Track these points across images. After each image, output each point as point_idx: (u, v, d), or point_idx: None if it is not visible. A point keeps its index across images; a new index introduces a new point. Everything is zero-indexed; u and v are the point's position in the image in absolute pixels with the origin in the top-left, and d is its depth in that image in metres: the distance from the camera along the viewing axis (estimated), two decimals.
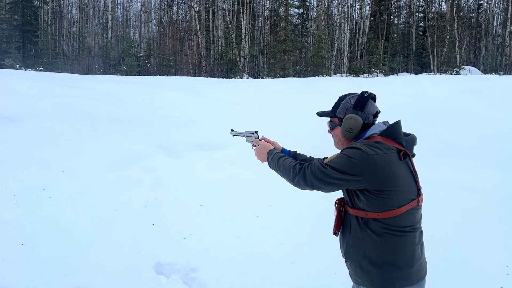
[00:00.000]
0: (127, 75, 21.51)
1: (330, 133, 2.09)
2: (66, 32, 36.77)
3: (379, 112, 1.99)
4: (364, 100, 1.95)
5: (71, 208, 4.81)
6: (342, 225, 1.98)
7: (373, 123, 1.97)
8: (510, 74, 20.80)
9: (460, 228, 4.66)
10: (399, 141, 1.87)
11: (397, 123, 1.91)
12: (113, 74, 23.27)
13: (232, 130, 2.62)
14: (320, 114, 2.11)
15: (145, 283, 3.40)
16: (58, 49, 31.29)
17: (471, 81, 11.29)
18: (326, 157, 1.97)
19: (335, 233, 2.00)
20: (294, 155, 2.31)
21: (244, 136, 2.49)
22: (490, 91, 9.81)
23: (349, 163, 1.79)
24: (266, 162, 2.24)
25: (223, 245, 4.21)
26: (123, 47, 27.43)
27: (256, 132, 2.42)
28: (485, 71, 23.81)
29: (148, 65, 28.84)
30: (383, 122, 1.95)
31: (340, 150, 1.98)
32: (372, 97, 1.98)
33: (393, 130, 1.89)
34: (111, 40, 34.71)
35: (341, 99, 2.02)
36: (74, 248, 3.80)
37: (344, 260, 2.01)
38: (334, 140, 2.09)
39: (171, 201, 5.38)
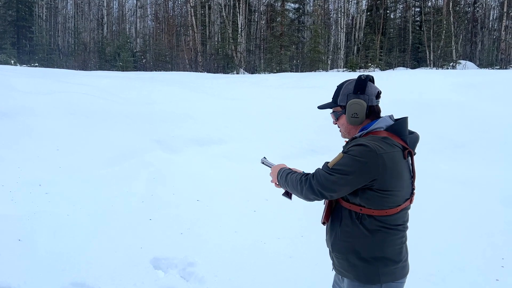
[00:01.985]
0: (123, 71, 21.43)
1: (336, 124, 2.01)
2: (61, 28, 36.52)
3: (381, 92, 1.93)
4: (363, 83, 1.88)
5: (67, 203, 4.80)
6: (331, 215, 1.92)
7: (377, 104, 1.91)
8: (506, 68, 20.86)
9: (456, 222, 4.69)
10: (404, 139, 1.83)
11: (405, 120, 1.86)
12: (109, 70, 23.17)
13: (264, 158, 2.37)
14: (322, 107, 2.04)
15: (143, 278, 3.40)
16: (53, 45, 31.08)
17: (467, 75, 11.32)
18: (327, 162, 1.85)
19: (323, 223, 1.96)
20: None
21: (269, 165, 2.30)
22: (486, 86, 9.83)
23: (357, 163, 1.72)
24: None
25: (221, 239, 4.22)
26: (119, 43, 27.25)
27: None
28: (481, 65, 23.87)
29: (144, 61, 28.72)
30: (389, 116, 1.89)
31: (346, 140, 1.95)
32: (370, 79, 1.92)
33: (400, 127, 1.84)
34: (106, 35, 34.52)
35: (340, 87, 1.95)
36: (71, 243, 3.79)
37: (329, 250, 1.99)
38: (340, 130, 2.00)
39: (168, 196, 5.38)
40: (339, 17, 31.28)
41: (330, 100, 2.01)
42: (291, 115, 8.77)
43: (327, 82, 11.20)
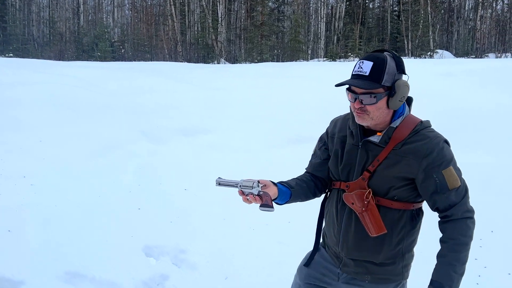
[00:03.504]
0: (101, 61, 21.08)
1: (361, 107, 1.60)
2: (36, 17, 35.57)
3: None
4: (402, 60, 1.65)
5: (54, 195, 4.78)
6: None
7: None
8: (481, 57, 21.39)
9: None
10: None
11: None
12: (87, 60, 22.76)
13: (219, 178, 1.88)
14: (361, 85, 1.56)
15: (135, 265, 3.45)
16: (27, 35, 30.30)
17: (444, 64, 11.60)
18: (451, 187, 1.62)
19: (377, 235, 1.66)
20: (291, 185, 1.86)
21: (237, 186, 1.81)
22: (462, 74, 10.11)
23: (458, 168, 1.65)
24: None
25: (210, 227, 4.29)
26: (96, 32, 26.80)
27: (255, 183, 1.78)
28: (457, 54, 24.41)
29: (122, 51, 28.30)
30: None
31: (379, 131, 1.66)
32: None
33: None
34: (83, 25, 33.79)
35: (380, 64, 1.57)
36: (62, 233, 3.81)
37: (348, 260, 1.76)
38: (370, 116, 1.61)
39: (155, 186, 5.41)
40: (319, 7, 31.38)
41: (368, 75, 1.57)
42: (274, 104, 8.85)
43: (309, 72, 11.34)
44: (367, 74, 1.56)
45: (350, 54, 23.23)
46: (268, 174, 4.83)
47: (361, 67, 1.58)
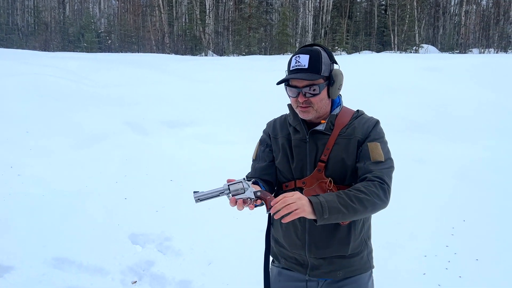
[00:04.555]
0: (87, 52, 20.91)
1: (305, 100, 1.61)
2: (20, 6, 34.90)
3: None
4: (331, 51, 1.71)
5: (41, 185, 4.85)
6: None
7: None
8: (465, 53, 21.75)
9: (412, 195, 5.06)
10: None
11: None
12: (73, 51, 22.54)
13: (195, 192, 1.68)
14: (304, 77, 1.58)
15: (121, 252, 3.57)
16: (12, 24, 29.80)
17: (428, 59, 11.82)
18: (372, 160, 1.58)
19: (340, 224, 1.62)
20: (262, 185, 1.71)
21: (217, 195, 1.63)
22: (445, 69, 10.34)
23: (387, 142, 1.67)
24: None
25: (195, 216, 4.41)
26: (82, 23, 26.47)
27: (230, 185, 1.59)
28: (442, 49, 24.75)
29: (109, 42, 28.05)
30: None
31: (322, 119, 1.68)
32: None
33: None
34: (69, 15, 33.33)
35: (316, 55, 1.61)
36: (50, 222, 3.90)
37: (314, 260, 1.68)
38: (313, 107, 1.63)
39: (141, 177, 5.51)
40: (307, 0, 31.45)
41: (306, 68, 1.60)
42: (261, 97, 8.96)
43: None
44: (306, 67, 1.59)
45: (337, 47, 23.42)
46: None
47: (299, 61, 1.60)
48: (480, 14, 30.01)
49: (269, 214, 1.72)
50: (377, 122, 1.68)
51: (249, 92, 9.26)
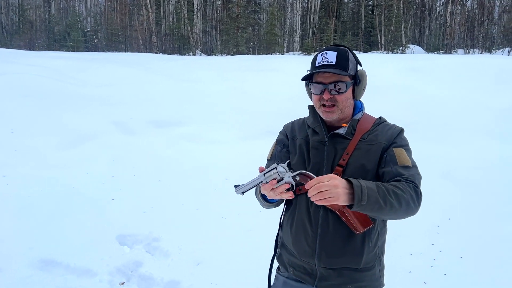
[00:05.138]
0: (73, 51, 20.67)
1: (330, 97, 1.57)
2: (4, 4, 34.35)
3: None
4: (355, 54, 1.67)
5: (27, 186, 4.80)
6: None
7: None
8: (450, 53, 22.05)
9: None
10: None
11: None
12: (59, 50, 22.26)
13: (236, 186, 1.65)
14: (332, 71, 1.53)
15: (109, 253, 3.56)
16: None
17: (413, 59, 11.96)
18: (400, 164, 1.52)
19: (363, 230, 1.51)
20: None
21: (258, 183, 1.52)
22: (430, 69, 10.47)
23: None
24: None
25: (183, 216, 4.42)
26: (68, 21, 26.14)
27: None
28: (428, 49, 25.03)
29: (96, 41, 27.75)
30: None
31: (345, 122, 1.63)
32: None
33: None
34: (54, 13, 32.90)
35: (343, 53, 1.58)
36: (36, 223, 3.86)
37: (321, 273, 1.61)
38: (337, 106, 1.58)
39: (129, 178, 5.49)
40: (295, 0, 31.53)
41: (334, 63, 1.56)
42: (249, 97, 8.98)
43: (284, 65, 11.49)
44: (333, 63, 1.54)
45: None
46: (241, 166, 4.99)
47: (326, 58, 1.56)
48: (465, 15, 30.42)
49: (282, 219, 1.75)
50: (402, 130, 1.64)
51: (237, 91, 9.27)
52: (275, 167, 1.44)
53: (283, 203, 1.77)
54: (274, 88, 9.18)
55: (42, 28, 30.25)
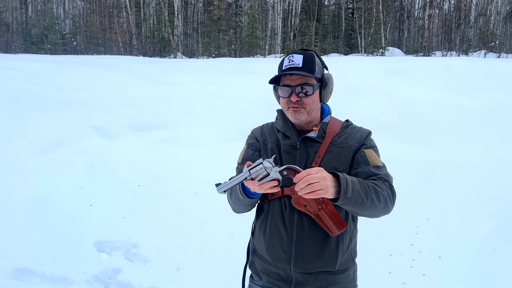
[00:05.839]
0: (51, 54, 20.30)
1: (297, 100, 1.59)
2: None
3: None
4: (322, 59, 1.69)
5: (1, 192, 4.67)
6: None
7: None
8: (428, 55, 22.46)
9: None
10: None
11: None
12: (36, 53, 21.84)
13: (217, 184, 1.57)
14: (298, 73, 1.56)
15: (87, 260, 3.48)
16: None
17: (392, 62, 12.13)
18: (371, 164, 1.57)
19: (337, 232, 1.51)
20: None
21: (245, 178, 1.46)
22: (409, 71, 10.63)
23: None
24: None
25: (163, 221, 4.36)
26: (46, 24, 25.67)
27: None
28: (407, 52, 25.43)
29: (74, 43, 27.30)
30: None
31: (315, 126, 1.65)
32: None
33: None
34: (31, 15, 32.26)
35: (310, 56, 1.61)
36: (10, 231, 3.76)
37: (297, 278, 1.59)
38: (304, 108, 1.60)
39: (107, 183, 5.39)
40: (276, 3, 31.66)
41: (301, 66, 1.58)
42: (230, 100, 8.95)
43: (265, 67, 11.50)
44: (300, 65, 1.57)
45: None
46: (222, 169, 4.95)
47: (293, 61, 1.58)
48: (442, 18, 31.05)
49: (254, 224, 1.73)
50: (370, 132, 1.69)
51: (218, 94, 9.23)
52: (261, 162, 1.41)
53: (255, 210, 1.75)
54: (255, 91, 9.18)
55: (19, 31, 29.62)
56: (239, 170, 1.72)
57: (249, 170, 1.42)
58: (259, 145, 1.74)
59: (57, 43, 23.11)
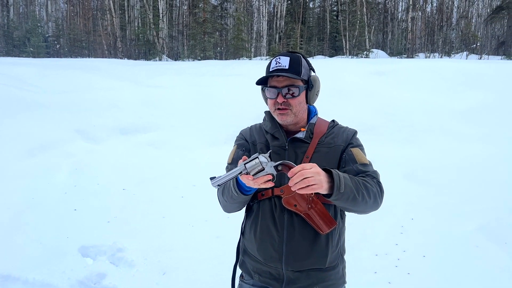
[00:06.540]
0: (34, 57, 20.01)
1: (284, 101, 1.61)
2: None
3: None
4: (309, 61, 1.73)
5: None
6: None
7: None
8: (412, 57, 22.73)
9: None
10: None
11: None
12: (18, 56, 21.49)
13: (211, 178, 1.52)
14: (285, 75, 1.58)
15: (71, 265, 3.43)
16: None
17: (377, 63, 12.25)
18: (358, 162, 1.62)
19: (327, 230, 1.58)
20: None
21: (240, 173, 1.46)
22: (393, 73, 10.75)
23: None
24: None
25: (149, 225, 4.33)
26: (28, 26, 25.28)
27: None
28: (391, 54, 25.72)
29: (58, 46, 26.95)
30: None
31: (303, 127, 1.69)
32: None
33: None
34: (13, 18, 31.75)
35: (296, 58, 1.64)
36: None
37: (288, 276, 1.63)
38: (290, 110, 1.62)
39: (92, 187, 5.33)
40: (261, 5, 31.75)
41: (287, 68, 1.60)
42: (216, 102, 8.94)
43: (251, 70, 11.51)
44: (286, 67, 1.59)
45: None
46: (209, 172, 4.93)
47: (279, 62, 1.60)
48: (425, 21, 31.49)
49: (241, 225, 1.76)
50: (356, 131, 1.73)
51: (204, 97, 9.21)
52: (257, 157, 1.43)
53: (244, 210, 1.76)
54: (241, 93, 9.18)
55: (0, 34, 29.13)
56: (229, 170, 1.68)
57: (244, 164, 1.44)
58: (249, 145, 1.76)
59: (40, 46, 22.79)
